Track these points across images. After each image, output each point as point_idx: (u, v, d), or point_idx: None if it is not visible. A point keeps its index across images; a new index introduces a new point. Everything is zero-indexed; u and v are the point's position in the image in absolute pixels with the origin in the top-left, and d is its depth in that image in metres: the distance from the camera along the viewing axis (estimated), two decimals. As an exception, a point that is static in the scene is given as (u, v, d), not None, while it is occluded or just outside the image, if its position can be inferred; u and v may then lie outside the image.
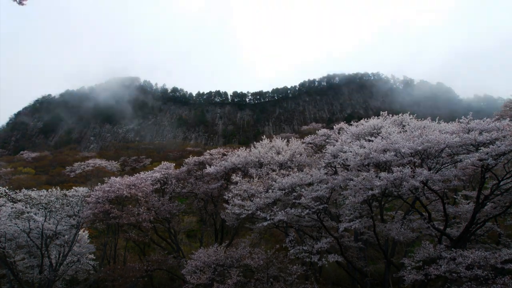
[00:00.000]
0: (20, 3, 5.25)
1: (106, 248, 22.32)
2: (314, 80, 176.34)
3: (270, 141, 21.03)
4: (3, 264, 16.56)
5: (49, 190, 18.20)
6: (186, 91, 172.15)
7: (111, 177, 19.83)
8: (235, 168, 19.93)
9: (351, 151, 12.97)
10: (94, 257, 21.24)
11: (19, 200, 17.14)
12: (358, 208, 13.83)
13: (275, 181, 14.59)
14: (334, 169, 16.19)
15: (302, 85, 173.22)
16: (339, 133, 21.43)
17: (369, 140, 13.17)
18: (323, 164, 16.12)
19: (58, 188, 18.78)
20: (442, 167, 12.32)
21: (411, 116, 17.58)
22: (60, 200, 18.16)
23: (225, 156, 22.11)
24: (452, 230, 14.03)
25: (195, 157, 23.31)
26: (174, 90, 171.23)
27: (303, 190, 13.32)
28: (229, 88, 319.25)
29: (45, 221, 16.91)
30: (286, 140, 21.42)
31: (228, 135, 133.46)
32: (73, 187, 19.49)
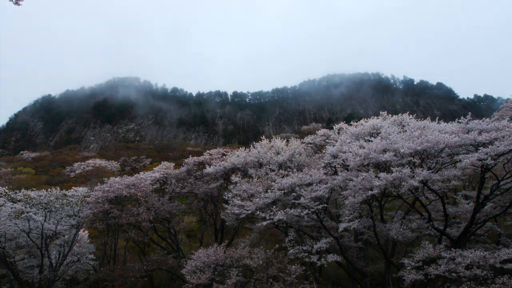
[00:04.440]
0: (16, 3, 5.24)
1: (106, 248, 22.32)
2: (314, 80, 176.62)
3: (270, 141, 21.01)
4: (3, 264, 16.55)
5: (49, 190, 18.19)
6: (186, 91, 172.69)
7: (111, 177, 19.83)
8: (234, 168, 19.93)
9: (350, 152, 12.98)
10: (94, 257, 21.23)
11: (19, 200, 17.13)
12: (358, 208, 13.82)
13: (274, 182, 14.58)
14: (333, 169, 16.19)
15: (302, 85, 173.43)
16: (339, 133, 21.44)
17: (369, 140, 13.17)
18: (323, 164, 16.12)
19: (58, 188, 18.77)
20: (442, 167, 12.32)
21: (411, 116, 17.58)
22: (60, 200, 18.16)
23: (224, 156, 22.11)
24: (452, 230, 14.03)
25: (195, 157, 23.31)
26: (174, 90, 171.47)
27: (302, 190, 13.32)
28: (229, 88, 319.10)
29: (45, 221, 16.90)
30: (285, 140, 21.41)
31: (228, 135, 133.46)
32: (73, 187, 19.49)
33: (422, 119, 16.49)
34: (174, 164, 24.17)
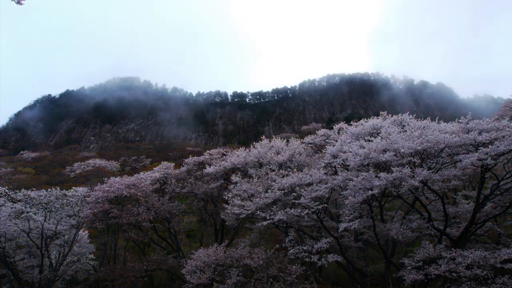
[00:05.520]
0: (19, 2, 5.25)
1: (106, 248, 22.31)
2: (314, 80, 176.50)
3: (270, 141, 21.01)
4: (3, 264, 16.55)
5: (49, 190, 18.19)
6: (186, 91, 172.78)
7: (111, 177, 19.83)
8: (234, 168, 19.93)
9: (350, 151, 12.97)
10: (94, 257, 21.24)
11: (19, 200, 17.13)
12: (358, 208, 13.84)
13: (274, 181, 14.57)
14: (334, 169, 16.19)
15: (302, 85, 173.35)
16: (339, 133, 21.43)
17: (369, 140, 13.17)
18: (323, 164, 16.11)
19: (58, 188, 18.77)
20: (442, 167, 12.32)
21: (411, 116, 17.57)
22: (60, 200, 18.15)
23: (224, 156, 22.10)
24: (452, 230, 14.03)
25: (195, 157, 23.30)
26: (174, 90, 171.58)
27: (302, 190, 13.32)
28: (229, 88, 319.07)
29: (45, 221, 16.90)
30: (285, 140, 21.41)
31: (228, 135, 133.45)
32: (73, 187, 19.48)
33: (422, 119, 16.48)
34: (174, 164, 24.13)
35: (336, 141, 17.14)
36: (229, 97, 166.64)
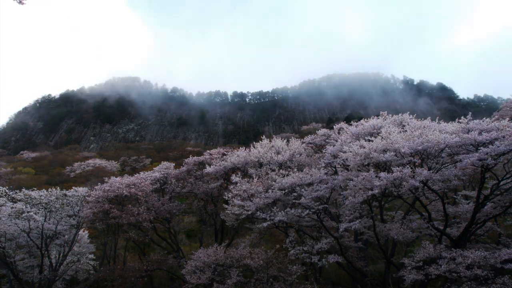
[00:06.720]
0: (20, 2, 5.25)
1: (106, 248, 22.32)
2: (314, 80, 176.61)
3: (270, 141, 21.01)
4: (3, 264, 16.56)
5: (49, 190, 18.19)
6: (186, 91, 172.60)
7: (111, 177, 19.83)
8: (234, 168, 19.92)
9: (351, 151, 12.97)
10: (94, 257, 21.24)
11: (19, 200, 17.15)
12: (358, 208, 13.84)
13: (274, 181, 14.57)
14: (334, 169, 16.19)
15: (302, 85, 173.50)
16: (339, 133, 21.40)
17: (369, 140, 13.17)
18: (323, 164, 16.11)
19: (58, 188, 18.78)
20: (442, 167, 12.32)
21: (411, 116, 17.57)
22: (60, 200, 18.17)
23: (224, 156, 22.09)
24: (452, 230, 14.02)
25: (195, 157, 23.28)
26: (174, 90, 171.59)
27: (303, 190, 13.32)
28: (229, 88, 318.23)
29: (45, 221, 16.91)
30: (286, 140, 21.41)
31: (228, 135, 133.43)
32: (73, 187, 19.49)
33: (422, 119, 16.47)
34: (174, 164, 24.13)
35: (336, 141, 17.12)
36: (229, 97, 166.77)
